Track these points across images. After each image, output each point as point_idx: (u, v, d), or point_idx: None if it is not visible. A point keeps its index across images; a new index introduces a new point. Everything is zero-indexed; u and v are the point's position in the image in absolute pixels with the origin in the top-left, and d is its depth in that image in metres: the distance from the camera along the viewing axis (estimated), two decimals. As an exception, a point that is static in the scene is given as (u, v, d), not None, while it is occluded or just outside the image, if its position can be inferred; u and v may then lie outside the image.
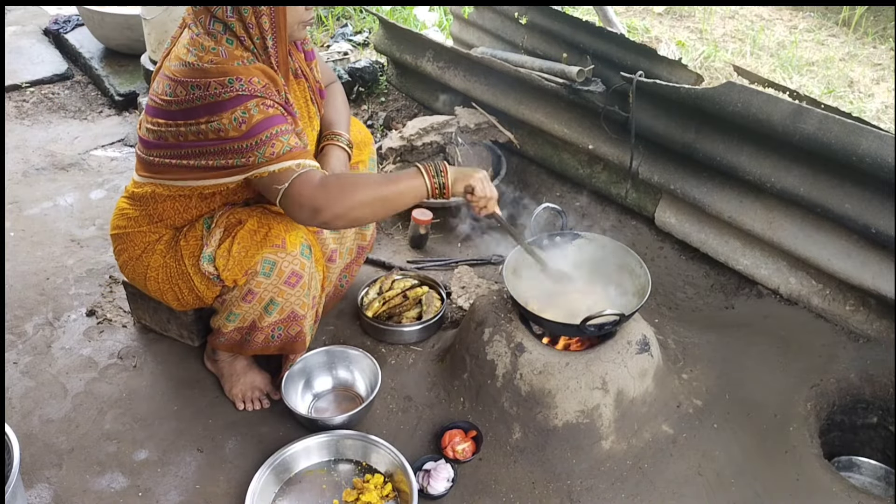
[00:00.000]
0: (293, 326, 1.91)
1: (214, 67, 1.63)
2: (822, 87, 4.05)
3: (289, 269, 1.79)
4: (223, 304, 1.90)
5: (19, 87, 3.89)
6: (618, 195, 2.79)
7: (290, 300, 1.85)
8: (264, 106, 1.64)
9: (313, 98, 1.94)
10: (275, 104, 1.67)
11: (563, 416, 1.90)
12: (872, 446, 2.12)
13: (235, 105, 1.62)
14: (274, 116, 1.66)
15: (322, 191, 1.64)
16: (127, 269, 1.98)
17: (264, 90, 1.65)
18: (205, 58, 1.65)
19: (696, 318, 2.39)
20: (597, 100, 2.67)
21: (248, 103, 1.63)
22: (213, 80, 1.62)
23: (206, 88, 1.62)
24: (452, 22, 3.79)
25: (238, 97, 1.62)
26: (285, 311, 1.87)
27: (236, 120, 1.63)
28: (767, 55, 4.45)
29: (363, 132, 2.21)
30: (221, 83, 1.62)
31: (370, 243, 2.33)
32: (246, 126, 1.63)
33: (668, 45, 4.47)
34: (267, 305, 1.84)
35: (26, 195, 3.02)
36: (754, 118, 2.18)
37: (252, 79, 1.64)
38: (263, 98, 1.65)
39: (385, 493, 1.82)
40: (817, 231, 2.24)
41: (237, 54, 1.67)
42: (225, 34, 1.67)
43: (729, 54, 4.40)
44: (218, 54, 1.65)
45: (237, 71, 1.64)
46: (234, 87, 1.62)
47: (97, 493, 1.84)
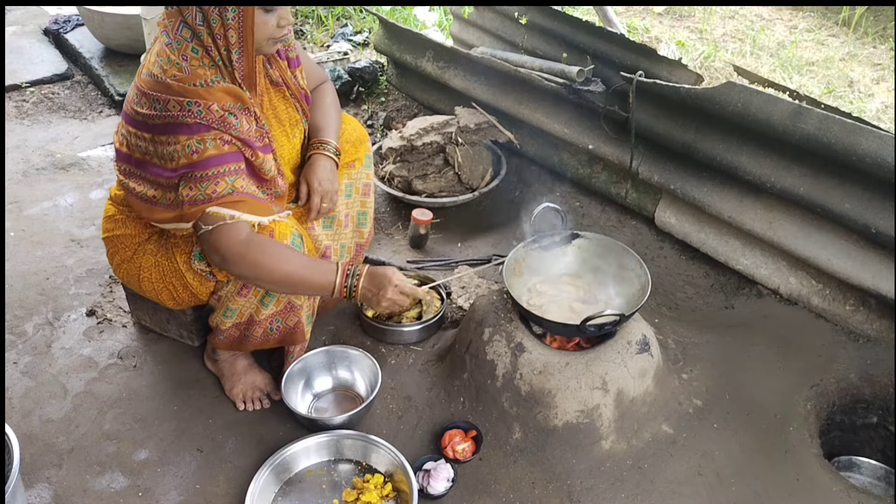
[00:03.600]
0: (291, 317, 1.91)
1: (176, 84, 1.62)
2: (822, 87, 4.05)
3: None
4: (219, 301, 1.90)
5: (19, 87, 3.89)
6: (618, 195, 2.79)
7: None
8: (220, 141, 1.65)
9: (297, 105, 1.92)
10: (232, 140, 1.66)
11: (563, 416, 1.90)
12: (872, 446, 2.12)
13: (193, 133, 1.63)
14: (227, 154, 1.66)
15: (243, 247, 1.67)
16: (121, 271, 1.98)
17: (222, 122, 1.64)
18: (168, 72, 1.63)
19: (696, 318, 2.39)
20: (597, 100, 2.67)
21: (205, 135, 1.63)
22: (172, 99, 1.62)
23: (165, 105, 1.62)
24: (452, 22, 3.79)
25: (197, 125, 1.62)
26: (282, 303, 1.86)
27: (189, 148, 1.63)
28: (767, 55, 4.45)
29: (358, 130, 2.19)
30: (180, 104, 1.62)
31: (368, 241, 2.32)
32: (197, 157, 1.64)
33: (668, 45, 4.47)
34: (263, 298, 1.84)
35: (26, 195, 3.02)
36: (754, 118, 2.18)
37: (212, 105, 1.63)
38: (221, 132, 1.64)
39: (385, 493, 1.82)
40: (817, 231, 2.24)
41: (200, 73, 1.64)
42: (192, 42, 1.64)
43: (729, 54, 4.40)
44: (181, 70, 1.63)
45: (197, 94, 1.62)
46: (193, 111, 1.62)
47: (97, 493, 1.84)
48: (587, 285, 2.15)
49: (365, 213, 2.22)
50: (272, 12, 1.66)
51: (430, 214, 2.71)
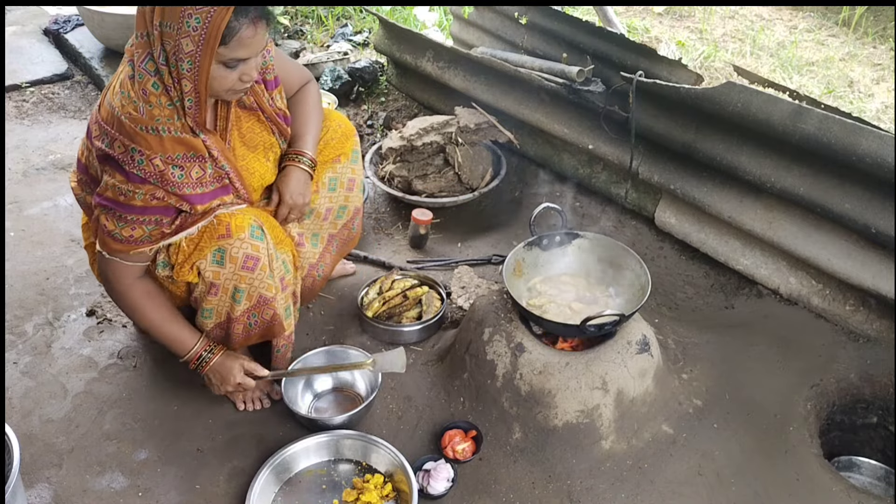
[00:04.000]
0: (265, 311, 1.90)
1: (127, 125, 1.61)
2: (822, 87, 4.05)
3: (241, 253, 1.77)
4: (196, 302, 1.90)
5: (19, 87, 3.89)
6: (618, 195, 2.79)
7: (254, 284, 1.82)
8: (150, 196, 1.66)
9: (272, 128, 1.89)
10: (164, 196, 1.67)
11: (563, 416, 1.90)
12: (872, 446, 2.12)
13: (129, 180, 1.64)
14: (153, 207, 1.68)
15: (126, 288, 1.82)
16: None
17: (160, 176, 1.64)
18: (125, 108, 1.62)
19: (696, 318, 2.39)
20: (597, 100, 2.67)
21: (140, 187, 1.64)
22: (119, 139, 1.62)
23: (111, 143, 1.63)
24: (452, 22, 3.79)
25: (133, 175, 1.63)
26: (253, 297, 1.85)
27: (121, 189, 1.65)
28: (767, 55, 4.45)
29: (344, 125, 2.14)
30: (125, 147, 1.62)
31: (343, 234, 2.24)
32: (124, 199, 1.66)
33: (668, 45, 4.47)
34: (233, 294, 1.83)
35: (26, 195, 3.02)
36: (754, 118, 2.18)
37: (154, 158, 1.62)
38: (155, 188, 1.65)
39: (385, 493, 1.82)
40: (817, 231, 2.24)
41: (156, 113, 1.62)
42: (154, 76, 1.61)
43: (729, 54, 4.40)
44: (137, 109, 1.61)
45: (145, 141, 1.61)
46: (134, 160, 1.62)
47: (97, 493, 1.84)
48: (587, 285, 2.15)
49: (345, 207, 2.17)
50: (234, 68, 1.61)
51: (430, 214, 2.71)
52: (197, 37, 1.53)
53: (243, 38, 1.57)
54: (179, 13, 1.51)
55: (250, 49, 1.60)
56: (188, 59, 1.56)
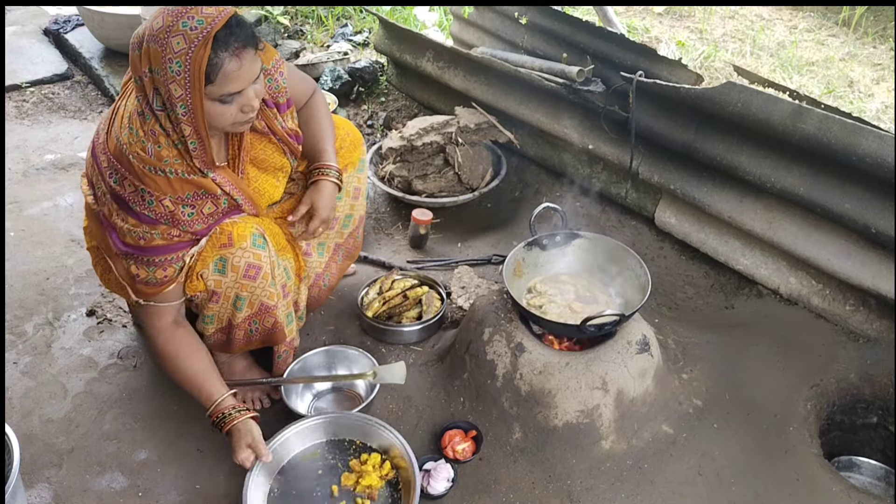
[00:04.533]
0: (267, 318, 1.89)
1: (136, 165, 1.60)
2: (822, 87, 4.05)
3: (243, 262, 1.77)
4: (197, 308, 1.89)
5: (19, 87, 3.90)
6: (618, 195, 2.79)
7: (256, 293, 1.82)
8: (169, 235, 1.66)
9: (284, 149, 1.87)
10: (182, 233, 1.67)
11: (563, 416, 1.90)
12: (872, 446, 2.12)
13: (142, 221, 1.64)
14: (177, 244, 1.69)
15: (164, 333, 1.82)
16: (105, 280, 1.99)
17: (171, 217, 1.64)
18: (133, 147, 1.60)
19: (696, 318, 2.39)
20: (597, 100, 2.67)
21: (154, 228, 1.64)
22: (128, 179, 1.61)
23: (121, 181, 1.62)
24: (452, 22, 3.79)
25: (146, 216, 1.63)
26: (255, 305, 1.85)
27: (136, 234, 1.65)
28: (767, 55, 4.45)
29: (352, 134, 2.15)
30: (135, 188, 1.61)
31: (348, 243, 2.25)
32: (144, 243, 1.66)
33: (668, 45, 4.47)
34: (234, 302, 1.83)
35: (26, 195, 3.02)
36: (754, 118, 2.18)
37: (164, 200, 1.62)
38: (170, 227, 1.65)
39: (385, 472, 1.81)
40: (817, 231, 2.24)
41: (164, 154, 1.60)
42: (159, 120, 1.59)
43: (729, 54, 4.40)
44: (145, 150, 1.59)
45: (154, 184, 1.61)
46: (145, 200, 1.61)
47: (97, 493, 1.84)
48: (587, 285, 2.15)
49: (350, 216, 2.18)
50: (230, 103, 1.57)
51: (430, 214, 2.71)
52: (182, 81, 1.50)
53: (228, 72, 1.52)
54: (162, 58, 1.48)
55: (240, 81, 1.55)
56: (180, 104, 1.53)
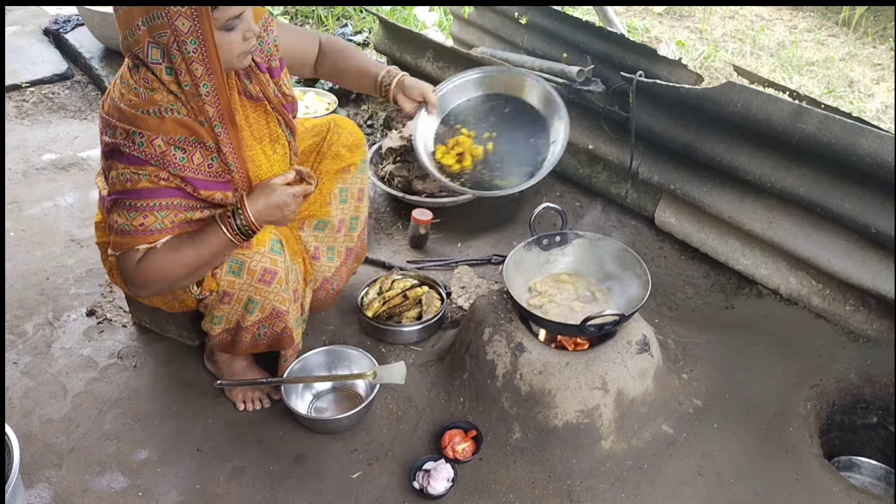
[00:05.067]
0: (277, 323, 1.89)
1: (127, 110, 1.58)
2: (822, 87, 4.05)
3: (259, 267, 1.77)
4: (206, 308, 1.89)
5: (19, 87, 3.90)
6: (618, 195, 2.79)
7: (269, 297, 1.82)
8: (156, 177, 1.61)
9: (279, 118, 1.84)
10: (171, 177, 1.62)
11: (563, 416, 1.90)
12: (872, 446, 2.12)
13: (130, 163, 1.59)
14: (162, 189, 1.62)
15: (138, 269, 1.66)
16: (113, 275, 1.98)
17: (161, 157, 1.59)
18: (126, 96, 1.59)
19: (696, 318, 2.39)
20: (597, 100, 2.67)
21: (142, 169, 1.59)
22: (120, 126, 1.58)
23: (114, 132, 1.59)
24: (452, 22, 3.79)
25: (135, 157, 1.58)
26: (266, 309, 1.85)
27: (124, 176, 1.60)
28: (767, 55, 4.45)
29: (354, 134, 2.14)
30: (126, 132, 1.58)
31: (360, 247, 2.26)
32: (130, 185, 1.60)
33: (668, 45, 4.48)
34: (246, 305, 1.83)
35: (26, 195, 3.02)
36: (754, 118, 2.18)
37: (155, 140, 1.58)
38: (158, 169, 1.60)
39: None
40: (817, 231, 2.24)
41: (157, 98, 1.58)
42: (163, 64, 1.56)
43: (729, 54, 4.40)
44: (138, 95, 1.58)
45: (145, 124, 1.57)
46: (136, 142, 1.58)
47: (97, 493, 1.84)
48: (587, 285, 2.15)
49: (357, 218, 2.17)
50: (234, 29, 1.56)
51: (430, 214, 2.71)
52: (188, 12, 1.48)
53: None
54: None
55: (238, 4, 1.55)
56: (191, 38, 1.50)
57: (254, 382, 2.05)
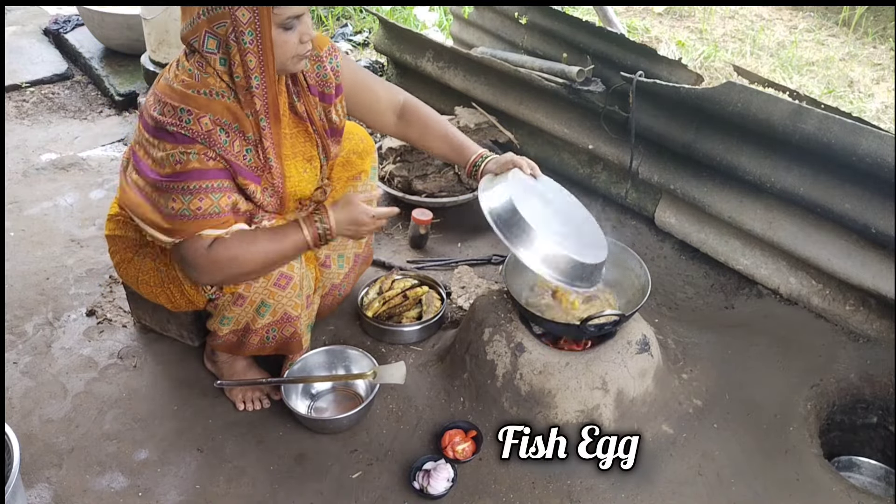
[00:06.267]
0: (287, 328, 1.90)
1: (179, 88, 1.59)
2: (822, 87, 4.05)
3: (276, 271, 1.78)
4: (216, 309, 1.89)
5: (19, 87, 3.89)
6: (618, 195, 2.79)
7: (282, 301, 1.84)
8: (205, 157, 1.60)
9: (318, 142, 1.84)
10: (217, 157, 1.61)
11: (563, 416, 1.90)
12: (872, 446, 2.12)
13: (178, 142, 1.59)
14: (211, 170, 1.61)
15: (209, 254, 1.65)
16: (121, 269, 1.98)
17: (207, 136, 1.59)
18: (179, 76, 1.61)
19: (696, 318, 2.39)
20: (597, 100, 2.67)
21: (189, 147, 1.59)
22: (170, 102, 1.59)
23: (163, 108, 1.59)
24: (452, 22, 3.79)
25: (181, 135, 1.58)
26: (278, 313, 1.86)
27: (173, 158, 1.59)
28: (767, 55, 4.45)
29: (365, 140, 2.14)
30: (174, 109, 1.58)
31: (365, 251, 2.28)
32: (181, 167, 1.59)
33: (668, 45, 4.48)
34: (259, 308, 1.83)
35: (26, 195, 3.02)
36: (754, 118, 2.18)
37: (202, 118, 1.58)
38: (205, 147, 1.60)
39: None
40: (817, 231, 2.24)
41: (209, 82, 1.60)
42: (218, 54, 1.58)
43: (729, 54, 4.40)
44: (192, 76, 1.59)
45: (194, 102, 1.58)
46: (182, 119, 1.58)
47: (97, 493, 1.84)
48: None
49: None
50: (291, 29, 1.58)
51: (430, 214, 2.71)
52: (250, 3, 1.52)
53: None
54: None
55: (299, 5, 1.57)
56: (249, 29, 1.53)
57: (254, 382, 2.05)
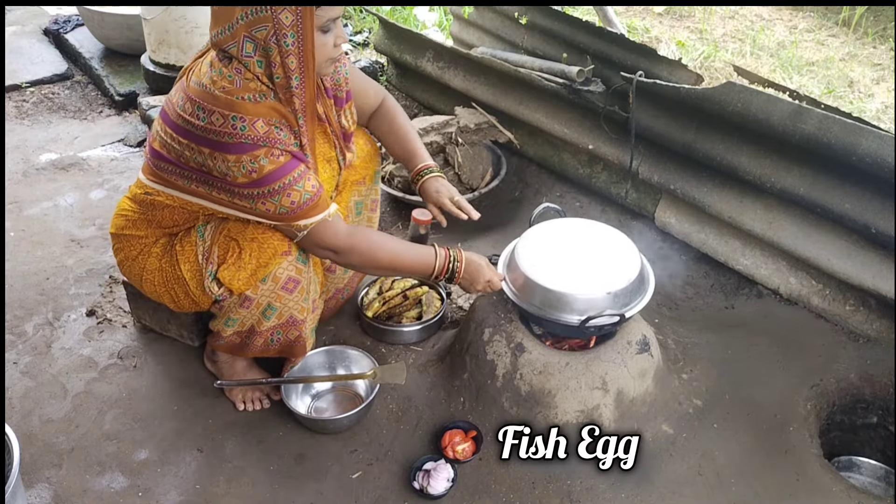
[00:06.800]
0: (292, 331, 1.91)
1: (223, 96, 1.59)
2: (822, 87, 4.05)
3: (285, 274, 1.79)
4: (221, 310, 1.89)
5: (19, 87, 3.90)
6: (618, 195, 2.79)
7: (289, 305, 1.84)
8: (273, 156, 1.61)
9: (336, 143, 1.88)
10: (283, 151, 1.63)
11: (563, 416, 1.90)
12: (872, 446, 2.12)
13: (242, 152, 1.59)
14: (286, 164, 1.63)
15: (350, 239, 1.76)
16: (124, 267, 1.98)
17: (267, 137, 1.60)
18: (218, 83, 1.60)
19: (696, 318, 2.39)
20: (597, 100, 2.67)
21: (256, 153, 1.59)
22: (217, 111, 1.58)
23: (209, 116, 1.58)
24: (452, 22, 3.79)
25: (242, 145, 1.58)
26: (284, 316, 1.86)
27: (245, 168, 1.60)
28: (767, 55, 4.45)
29: (369, 145, 2.15)
30: (224, 117, 1.58)
31: None
32: (257, 175, 1.61)
33: (668, 45, 4.48)
34: (265, 310, 1.84)
35: (26, 195, 3.02)
36: (754, 118, 2.18)
37: (256, 122, 1.59)
38: (270, 147, 1.61)
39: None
40: (817, 231, 2.24)
41: (251, 87, 1.60)
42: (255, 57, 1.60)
43: (729, 54, 4.40)
44: (232, 83, 1.59)
45: (244, 108, 1.58)
46: (237, 128, 1.57)
47: (97, 493, 1.84)
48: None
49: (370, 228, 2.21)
50: (329, 32, 1.63)
51: (430, 214, 2.70)
52: (293, 7, 1.53)
53: None
54: None
55: (339, 7, 1.62)
56: (291, 32, 1.55)
57: (254, 382, 2.05)
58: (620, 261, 1.93)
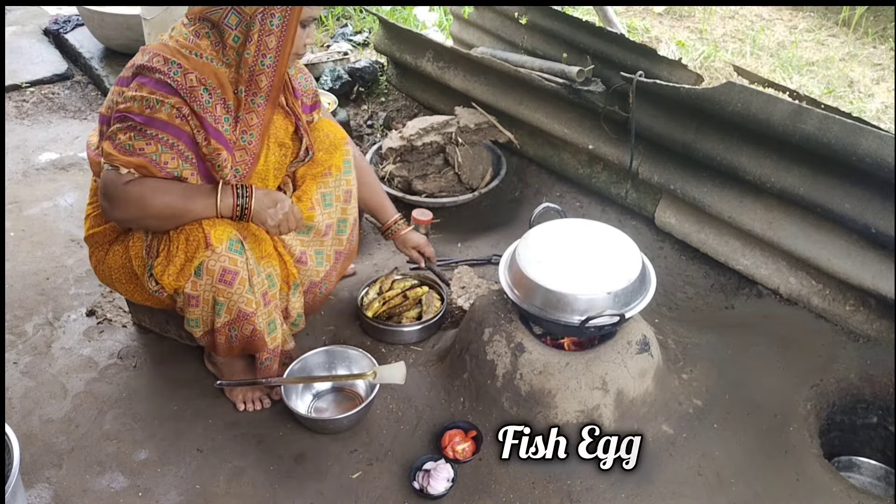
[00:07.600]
0: (245, 326, 1.87)
1: (174, 47, 1.67)
2: (822, 87, 4.05)
3: (218, 266, 1.74)
4: (182, 311, 1.88)
5: (19, 87, 3.90)
6: (618, 195, 2.79)
7: (233, 298, 1.80)
8: (176, 111, 1.64)
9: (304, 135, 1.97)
10: (189, 115, 1.66)
11: (563, 416, 1.90)
12: (872, 446, 2.12)
13: (158, 88, 1.64)
14: (174, 126, 1.66)
15: (122, 190, 1.68)
16: (99, 272, 1.99)
17: (190, 91, 1.65)
18: (174, 37, 1.70)
19: (696, 318, 2.39)
20: (597, 100, 2.67)
21: (167, 98, 1.64)
22: (161, 55, 1.66)
23: (152, 57, 1.66)
24: (452, 22, 3.79)
25: (164, 83, 1.64)
26: (233, 311, 1.83)
27: (147, 101, 1.64)
28: (767, 55, 4.45)
29: (331, 135, 2.09)
30: (165, 60, 1.65)
31: (350, 248, 2.20)
32: (149, 112, 1.64)
33: (668, 45, 4.48)
34: (213, 307, 1.81)
35: (26, 195, 3.02)
36: (754, 118, 2.18)
37: (190, 73, 1.65)
38: (183, 103, 1.64)
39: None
40: (817, 231, 2.24)
41: (202, 44, 1.68)
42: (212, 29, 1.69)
43: (729, 54, 4.40)
44: (187, 39, 1.68)
45: (186, 60, 1.66)
46: (171, 69, 1.64)
47: (97, 493, 1.84)
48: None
49: (345, 220, 2.11)
50: (307, 27, 1.74)
51: (430, 214, 2.71)
52: None
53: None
54: None
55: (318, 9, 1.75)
56: (279, 14, 1.65)
57: (254, 382, 2.05)
58: (621, 261, 1.93)
